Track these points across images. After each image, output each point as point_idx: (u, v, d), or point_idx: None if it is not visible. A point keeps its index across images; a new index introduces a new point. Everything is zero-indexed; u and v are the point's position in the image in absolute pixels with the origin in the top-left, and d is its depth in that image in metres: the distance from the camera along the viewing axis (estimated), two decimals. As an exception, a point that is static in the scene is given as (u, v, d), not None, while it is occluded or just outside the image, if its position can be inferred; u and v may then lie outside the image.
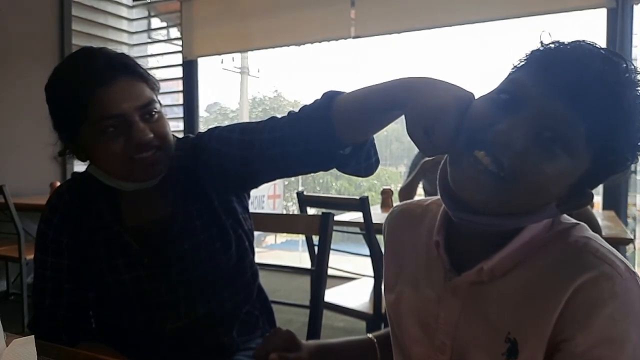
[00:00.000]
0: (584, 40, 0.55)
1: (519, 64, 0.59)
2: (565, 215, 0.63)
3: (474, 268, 0.61)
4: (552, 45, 0.56)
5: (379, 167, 0.85)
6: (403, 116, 0.64)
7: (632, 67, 0.54)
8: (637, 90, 0.54)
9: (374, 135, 0.78)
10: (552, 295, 0.56)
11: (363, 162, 0.79)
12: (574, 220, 0.63)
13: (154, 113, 0.84)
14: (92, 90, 0.79)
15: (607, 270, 0.55)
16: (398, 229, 0.77)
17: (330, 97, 0.73)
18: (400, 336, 0.73)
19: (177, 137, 0.95)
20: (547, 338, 0.56)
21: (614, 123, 0.53)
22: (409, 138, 0.62)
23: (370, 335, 0.85)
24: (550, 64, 0.54)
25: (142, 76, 0.84)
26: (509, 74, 0.59)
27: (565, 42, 0.55)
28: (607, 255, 0.56)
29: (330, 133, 0.72)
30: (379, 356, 0.82)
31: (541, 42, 0.57)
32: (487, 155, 0.54)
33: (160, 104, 0.88)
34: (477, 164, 0.55)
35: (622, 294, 0.54)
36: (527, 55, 0.58)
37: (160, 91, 0.90)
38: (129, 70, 0.82)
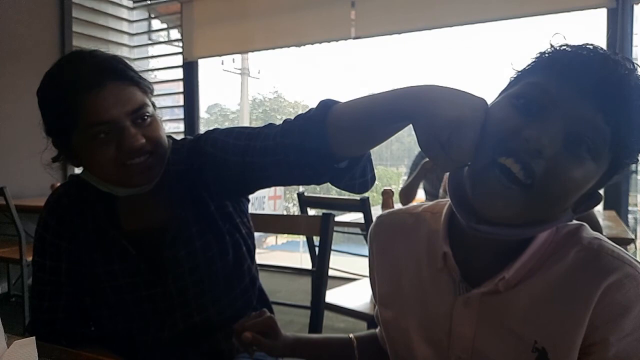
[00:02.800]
0: (592, 44, 0.55)
1: (528, 66, 0.57)
2: None
3: (496, 278, 0.59)
4: (567, 49, 0.55)
5: (380, 167, 0.83)
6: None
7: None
8: None
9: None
10: (578, 299, 0.56)
11: (358, 178, 0.74)
12: (577, 221, 0.62)
13: (146, 117, 0.82)
14: (80, 97, 0.77)
15: (630, 271, 0.56)
16: (389, 240, 0.73)
17: (326, 106, 0.68)
18: (406, 355, 0.70)
19: (173, 139, 0.94)
20: (579, 343, 0.56)
21: (633, 126, 0.53)
22: (409, 139, 0.60)
23: (351, 336, 0.83)
24: (572, 68, 0.53)
25: (132, 80, 0.82)
26: (521, 77, 0.58)
27: (577, 45, 0.54)
28: (624, 256, 0.57)
29: (323, 145, 0.66)
30: (357, 357, 0.81)
31: (551, 45, 0.56)
32: (517, 162, 0.52)
33: (155, 106, 0.87)
34: (502, 176, 0.53)
35: None
36: (537, 58, 0.57)
37: (161, 92, 0.89)
38: (118, 74, 0.80)
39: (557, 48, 0.55)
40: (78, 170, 0.96)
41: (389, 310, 0.72)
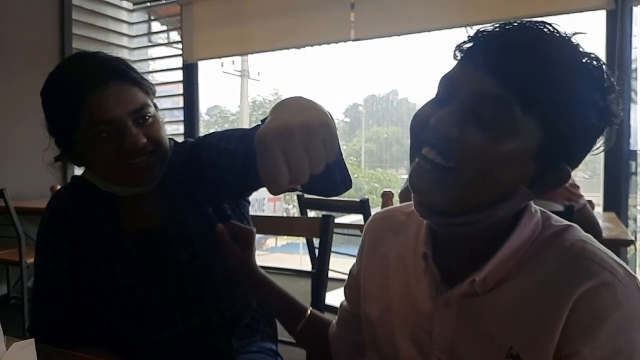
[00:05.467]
0: (509, 22, 0.55)
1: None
2: (555, 217, 0.61)
3: (466, 280, 0.58)
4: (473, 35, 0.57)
5: (379, 169, 0.83)
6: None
7: (561, 30, 0.54)
8: (567, 47, 0.53)
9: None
10: (553, 306, 0.53)
11: (323, 179, 0.71)
12: (566, 222, 0.60)
13: (147, 117, 0.83)
14: (83, 96, 0.78)
15: (608, 277, 0.52)
16: (381, 238, 0.73)
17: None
18: (389, 353, 0.69)
19: (175, 142, 0.94)
20: (552, 352, 0.53)
21: (544, 83, 0.51)
22: (408, 141, 0.59)
23: (309, 311, 0.85)
24: (470, 49, 0.55)
25: (134, 80, 0.83)
26: None
27: (487, 29, 0.56)
28: (606, 260, 0.54)
29: None
30: (298, 328, 0.83)
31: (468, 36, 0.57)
32: (432, 149, 0.54)
33: (156, 107, 0.87)
34: (425, 164, 0.55)
35: (625, 302, 0.51)
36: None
37: (161, 94, 0.90)
38: (120, 74, 0.81)
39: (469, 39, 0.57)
40: (78, 171, 0.97)
41: (375, 308, 0.71)
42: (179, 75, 3.90)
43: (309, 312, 0.85)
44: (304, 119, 0.49)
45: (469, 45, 0.56)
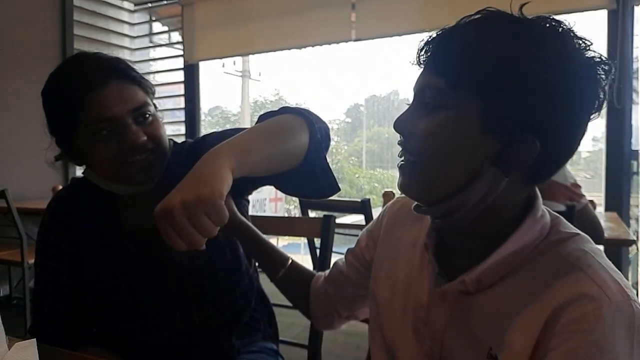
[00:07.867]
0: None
1: None
2: (566, 224, 0.60)
3: (457, 279, 0.59)
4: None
5: (379, 170, 0.85)
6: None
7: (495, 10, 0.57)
8: (497, 20, 0.56)
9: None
10: (533, 312, 0.51)
11: (305, 184, 0.75)
12: (576, 230, 0.58)
13: (147, 116, 0.84)
14: (83, 95, 0.79)
15: (594, 291, 0.49)
16: (399, 221, 0.75)
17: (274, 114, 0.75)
18: (389, 334, 0.70)
19: (175, 142, 0.95)
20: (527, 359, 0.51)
21: (469, 59, 0.53)
22: None
23: (290, 260, 0.90)
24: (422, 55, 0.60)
25: (134, 79, 0.84)
26: None
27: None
28: (599, 274, 0.51)
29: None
30: (279, 274, 0.88)
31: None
32: (402, 149, 0.61)
33: (156, 107, 0.88)
34: (402, 163, 0.61)
35: (609, 319, 0.48)
36: None
37: (162, 95, 0.90)
38: (120, 73, 0.82)
39: None
40: (80, 172, 0.97)
41: (383, 291, 0.73)
42: (180, 76, 3.90)
43: (289, 262, 0.89)
44: (183, 198, 0.58)
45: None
